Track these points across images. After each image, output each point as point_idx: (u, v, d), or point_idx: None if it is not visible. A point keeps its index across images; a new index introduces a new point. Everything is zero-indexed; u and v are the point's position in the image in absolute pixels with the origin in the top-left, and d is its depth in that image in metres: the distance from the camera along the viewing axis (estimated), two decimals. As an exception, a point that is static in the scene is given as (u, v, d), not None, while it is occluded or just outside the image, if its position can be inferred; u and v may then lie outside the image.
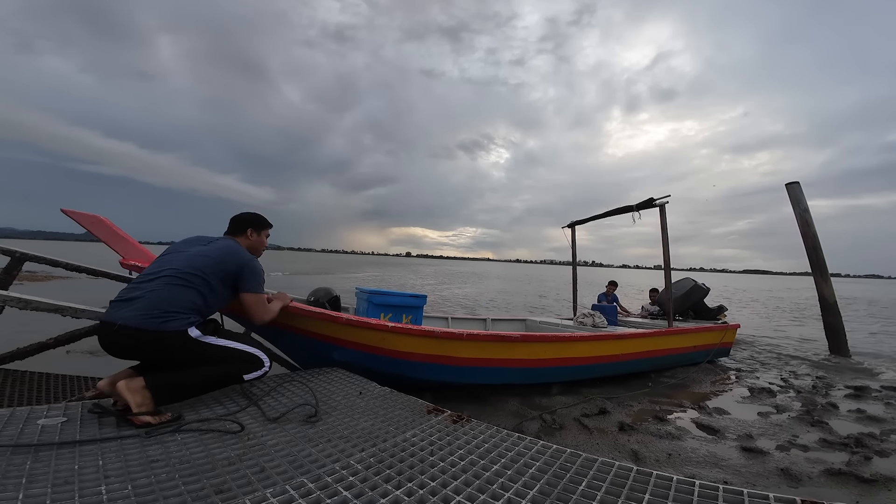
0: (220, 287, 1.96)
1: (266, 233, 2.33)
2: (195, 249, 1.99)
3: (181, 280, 1.83)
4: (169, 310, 1.75)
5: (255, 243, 2.26)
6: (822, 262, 6.36)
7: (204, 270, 1.89)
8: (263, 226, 2.31)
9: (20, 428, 1.51)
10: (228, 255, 2.00)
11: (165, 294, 1.77)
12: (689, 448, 2.56)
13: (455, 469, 1.38)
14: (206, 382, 1.88)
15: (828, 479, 2.22)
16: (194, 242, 2.07)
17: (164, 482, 1.22)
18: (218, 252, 1.99)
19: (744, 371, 4.88)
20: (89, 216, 2.64)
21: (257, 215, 2.30)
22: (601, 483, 1.31)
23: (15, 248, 2.87)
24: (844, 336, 6.14)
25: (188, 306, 1.82)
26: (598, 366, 3.85)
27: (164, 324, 1.72)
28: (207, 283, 1.90)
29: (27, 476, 1.19)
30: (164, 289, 1.79)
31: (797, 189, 6.53)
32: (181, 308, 1.79)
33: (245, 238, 2.22)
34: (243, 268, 2.02)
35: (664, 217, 4.44)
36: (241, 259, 2.03)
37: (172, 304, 1.77)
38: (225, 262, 1.97)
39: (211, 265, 1.92)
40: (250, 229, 2.24)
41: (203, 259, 1.93)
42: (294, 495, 1.17)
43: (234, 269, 1.99)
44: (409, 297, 3.66)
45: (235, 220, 2.26)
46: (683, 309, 5.96)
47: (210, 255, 1.95)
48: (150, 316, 1.71)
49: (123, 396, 1.63)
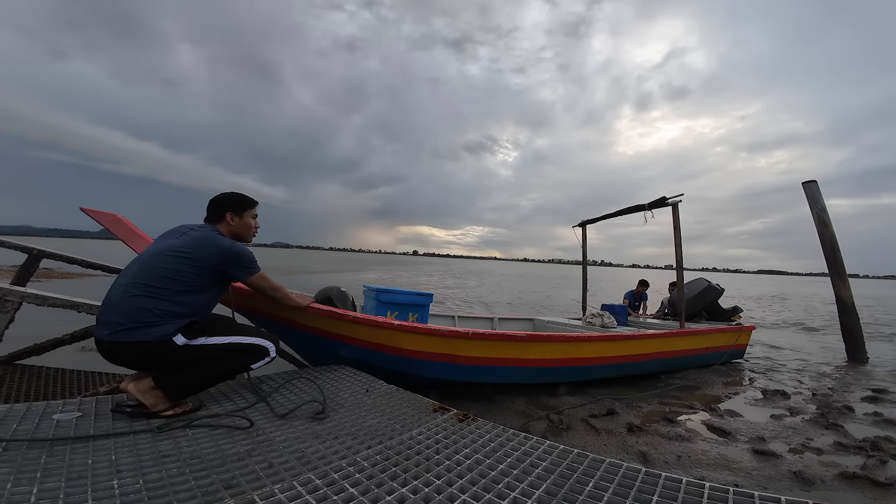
0: (200, 282, 1.76)
1: (251, 213, 2.04)
2: (163, 245, 1.77)
3: (142, 287, 1.65)
4: (142, 320, 1.61)
5: (239, 227, 1.98)
6: (839, 263, 6.21)
7: (168, 269, 1.69)
8: (245, 206, 2.01)
9: (36, 423, 1.54)
10: (204, 248, 1.77)
11: (131, 304, 1.62)
12: (699, 450, 2.52)
13: (461, 468, 1.37)
14: (211, 378, 1.87)
15: (842, 483, 2.18)
16: (168, 236, 1.86)
17: (175, 477, 1.24)
18: (191, 246, 1.75)
19: (757, 373, 4.79)
20: (107, 214, 2.70)
21: (236, 194, 2.01)
22: (609, 484, 1.29)
23: (32, 246, 2.94)
24: (862, 338, 5.99)
25: (161, 314, 1.65)
26: (607, 366, 3.82)
27: (144, 334, 1.61)
28: (177, 282, 1.70)
29: (42, 470, 1.22)
30: (130, 299, 1.63)
31: (814, 188, 6.37)
32: (150, 318, 1.63)
33: (225, 224, 1.95)
34: (224, 259, 1.80)
35: (677, 216, 4.38)
36: (219, 249, 1.79)
37: (141, 314, 1.62)
38: (200, 258, 1.75)
39: (181, 263, 1.71)
40: (229, 213, 1.95)
41: (170, 258, 1.71)
42: (301, 491, 1.18)
43: (213, 263, 1.78)
44: (415, 296, 3.67)
45: (213, 203, 1.96)
46: (696, 310, 5.85)
47: (180, 252, 1.73)
48: (125, 328, 1.59)
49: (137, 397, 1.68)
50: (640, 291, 6.74)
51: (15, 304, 2.17)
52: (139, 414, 1.69)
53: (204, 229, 1.88)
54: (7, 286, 2.21)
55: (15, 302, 2.16)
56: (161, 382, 1.71)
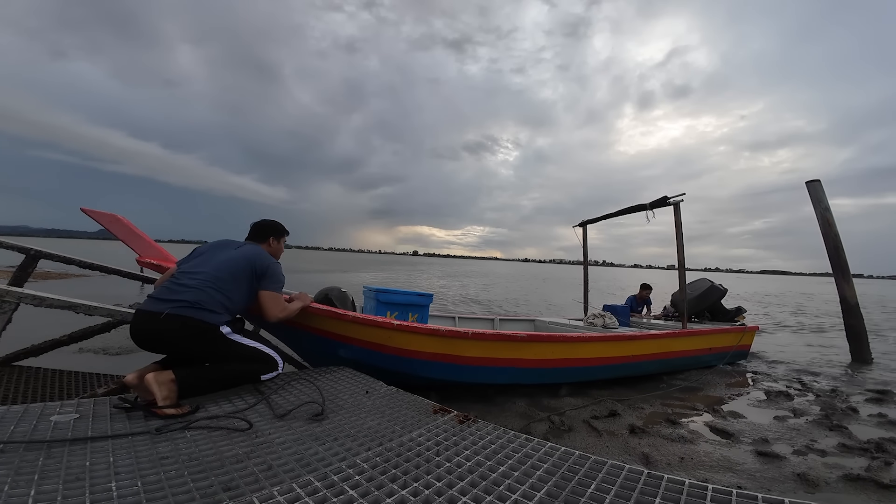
0: (246, 288, 2.12)
1: (284, 239, 2.51)
2: (227, 254, 2.15)
3: (214, 280, 2.00)
4: (207, 306, 1.92)
5: (276, 250, 2.45)
6: (843, 263, 6.17)
7: (234, 273, 2.06)
8: (282, 233, 2.48)
9: (33, 424, 1.53)
10: (257, 258, 2.16)
11: (205, 292, 1.94)
12: (701, 452, 2.51)
13: (461, 470, 1.36)
14: (228, 379, 1.99)
15: (846, 485, 2.16)
16: (224, 247, 2.23)
17: (174, 479, 1.23)
18: (247, 255, 2.14)
19: (760, 374, 4.76)
20: (108, 215, 2.70)
21: (277, 224, 2.46)
22: (610, 486, 1.28)
23: (29, 246, 2.93)
24: (867, 339, 5.95)
25: (221, 305, 1.98)
26: (608, 367, 3.80)
27: (206, 316, 1.90)
28: (236, 285, 2.06)
29: (39, 472, 1.21)
30: (203, 287, 1.95)
31: (818, 187, 6.34)
32: (216, 307, 1.95)
33: (267, 245, 2.40)
34: (268, 269, 2.18)
35: (679, 216, 4.36)
36: (267, 261, 2.20)
37: (209, 303, 1.94)
38: (254, 265, 2.13)
39: (240, 269, 2.09)
40: (272, 237, 2.42)
41: (234, 263, 2.09)
42: (301, 493, 1.17)
43: (260, 271, 2.15)
44: (415, 296, 3.66)
45: (257, 227, 2.42)
46: (699, 310, 5.82)
47: (240, 260, 2.11)
48: (194, 308, 1.88)
49: (151, 389, 1.70)
50: (643, 296, 6.58)
51: (12, 304, 2.16)
52: (139, 407, 1.71)
53: (255, 247, 2.27)
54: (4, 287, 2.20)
55: (12, 303, 2.15)
56: (181, 377, 1.79)
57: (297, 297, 2.48)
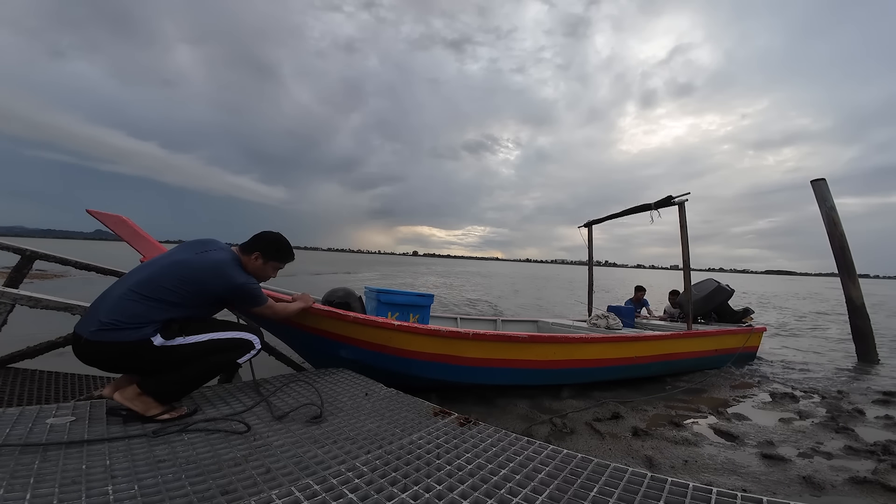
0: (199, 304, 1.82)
1: (276, 265, 2.10)
2: (177, 259, 1.83)
3: (140, 295, 1.68)
4: (123, 323, 1.62)
5: (257, 270, 2.03)
6: (849, 263, 6.13)
7: (176, 287, 1.73)
8: (275, 257, 2.07)
9: (29, 427, 1.52)
10: (215, 277, 1.82)
11: (121, 306, 1.65)
12: (706, 454, 2.48)
13: (462, 473, 1.35)
14: (198, 378, 1.83)
15: (852, 488, 2.13)
16: (187, 249, 1.91)
17: (171, 482, 1.21)
18: (203, 270, 1.80)
19: (766, 375, 4.72)
20: (113, 216, 2.69)
21: (277, 244, 2.07)
22: (613, 489, 1.26)
23: (25, 247, 2.93)
24: (873, 340, 5.90)
25: (146, 320, 1.67)
26: (611, 368, 3.77)
27: (124, 336, 1.62)
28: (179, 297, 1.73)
29: (35, 475, 1.20)
30: (125, 303, 1.65)
31: (823, 186, 6.29)
32: (136, 321, 1.64)
33: (249, 259, 2.00)
34: (233, 292, 1.87)
35: (683, 215, 4.33)
36: (229, 283, 1.85)
37: (129, 318, 1.64)
38: (207, 285, 1.80)
39: (187, 283, 1.75)
40: (257, 253, 2.01)
41: (179, 276, 1.75)
42: (300, 497, 1.16)
43: (220, 292, 1.84)
44: (416, 297, 3.65)
45: (254, 237, 2.07)
46: (706, 311, 5.76)
47: (191, 270, 1.78)
48: (107, 330, 1.60)
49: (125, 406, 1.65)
50: (638, 298, 6.68)
51: (7, 306, 2.15)
52: (134, 418, 1.66)
53: (226, 255, 1.92)
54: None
55: (7, 304, 2.15)
56: (146, 388, 1.68)
57: (298, 298, 2.42)
